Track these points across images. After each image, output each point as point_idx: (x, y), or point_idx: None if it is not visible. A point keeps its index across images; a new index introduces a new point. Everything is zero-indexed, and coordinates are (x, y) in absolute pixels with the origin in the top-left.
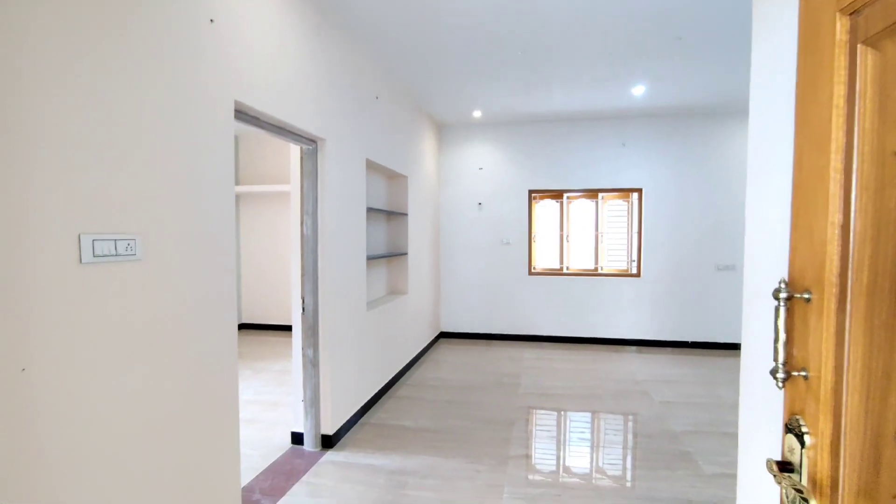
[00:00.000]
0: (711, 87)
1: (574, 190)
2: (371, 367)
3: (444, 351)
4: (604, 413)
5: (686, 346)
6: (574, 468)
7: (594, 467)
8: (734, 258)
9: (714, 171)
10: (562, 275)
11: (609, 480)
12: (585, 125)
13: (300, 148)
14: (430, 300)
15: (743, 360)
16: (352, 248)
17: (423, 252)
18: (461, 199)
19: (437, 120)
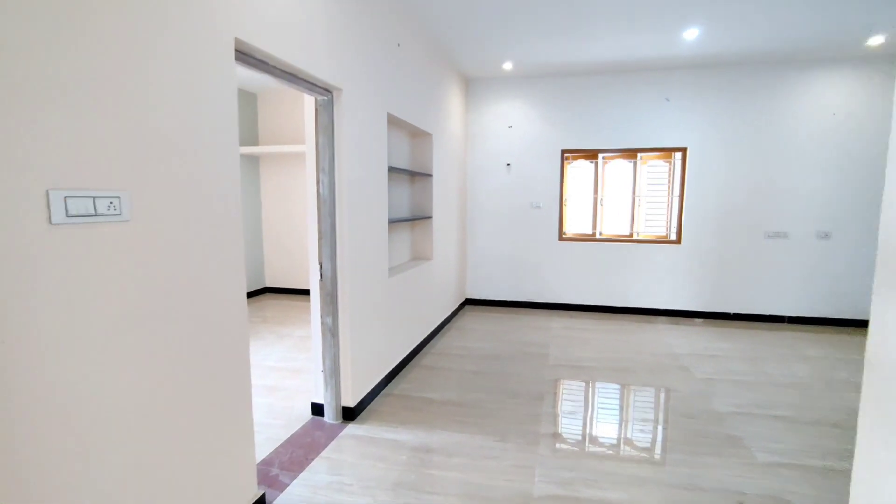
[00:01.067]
0: (781, 29)
1: (611, 150)
2: (394, 336)
3: (470, 319)
4: (639, 388)
5: (727, 318)
6: (609, 450)
7: (631, 450)
8: (785, 225)
9: (768, 130)
10: (594, 240)
11: (648, 465)
12: (625, 78)
13: (314, 99)
14: (456, 266)
15: (870, 350)
16: (372, 210)
17: (449, 215)
18: (489, 159)
19: (465, 73)
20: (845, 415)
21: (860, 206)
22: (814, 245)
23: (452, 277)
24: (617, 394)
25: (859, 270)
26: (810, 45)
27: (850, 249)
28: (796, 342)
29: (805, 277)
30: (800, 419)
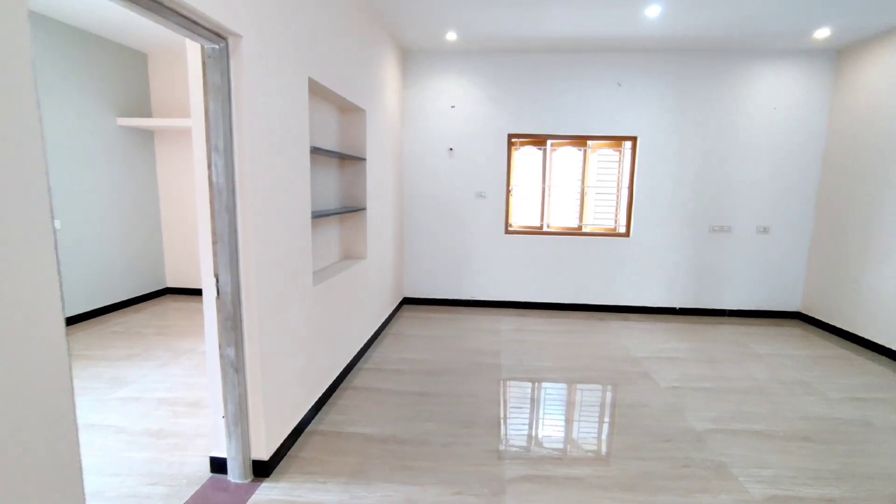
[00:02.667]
0: (740, 11)
1: (560, 136)
2: (320, 358)
3: (410, 321)
4: (609, 408)
5: (673, 313)
6: (590, 494)
7: (618, 492)
8: (729, 219)
9: (715, 123)
10: (542, 233)
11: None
12: (578, 59)
13: (200, 48)
14: (393, 263)
15: None
16: (290, 202)
17: (385, 206)
18: (429, 142)
19: (402, 43)
20: (810, 424)
21: (796, 201)
22: (754, 239)
23: (389, 276)
24: (586, 416)
25: (793, 264)
26: (762, 33)
27: (786, 243)
28: (743, 338)
29: (745, 271)
30: (774, 434)
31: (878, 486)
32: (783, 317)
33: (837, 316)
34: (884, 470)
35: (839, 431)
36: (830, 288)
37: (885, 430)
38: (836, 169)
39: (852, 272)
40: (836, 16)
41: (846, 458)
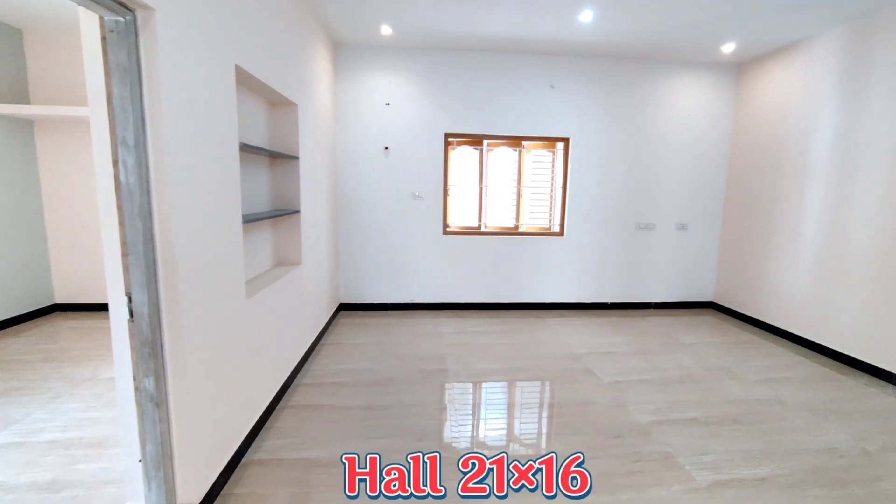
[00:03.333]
0: (664, 21)
1: (495, 136)
2: (255, 378)
3: (348, 329)
4: (560, 408)
5: (606, 308)
6: (552, 503)
7: (578, 493)
8: (653, 217)
9: (640, 126)
10: (480, 234)
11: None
12: (514, 60)
13: (98, 20)
14: (329, 268)
15: None
16: (218, 205)
17: (320, 208)
18: (364, 141)
19: (334, 35)
20: (736, 407)
21: (709, 200)
22: (674, 236)
23: (325, 282)
24: (536, 418)
25: (707, 258)
26: (679, 45)
27: (701, 239)
28: (669, 329)
29: (667, 266)
30: (708, 419)
31: (799, 460)
32: (699, 307)
33: (744, 304)
34: (801, 445)
35: (759, 412)
36: (738, 279)
37: (795, 407)
38: (739, 171)
39: (755, 265)
40: (739, 33)
41: (769, 437)
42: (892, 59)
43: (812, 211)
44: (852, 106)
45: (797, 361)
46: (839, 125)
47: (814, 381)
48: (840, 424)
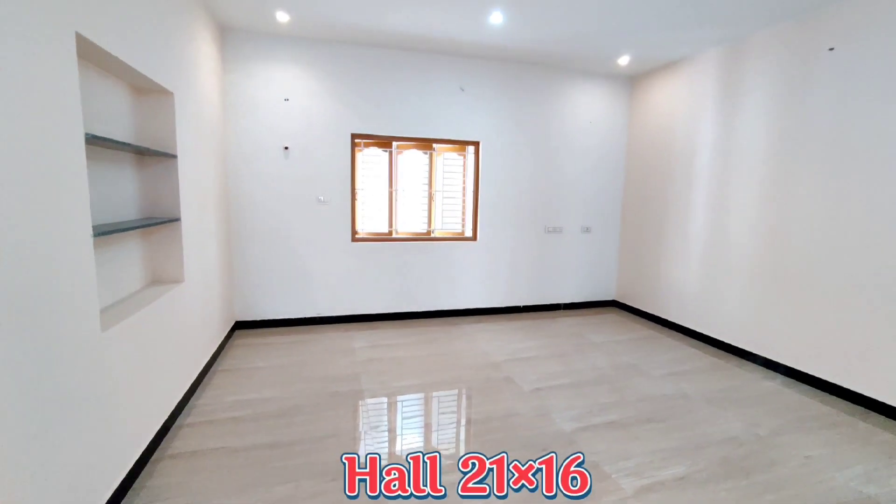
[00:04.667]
0: (567, 29)
1: (405, 138)
2: (118, 428)
3: (246, 351)
4: (483, 422)
5: (519, 311)
6: None
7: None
8: (561, 220)
9: (547, 131)
10: (391, 240)
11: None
12: (424, 60)
13: None
14: (221, 282)
15: None
16: (51, 213)
17: (207, 215)
18: (260, 139)
19: (219, 16)
20: (648, 405)
21: (609, 204)
22: (580, 238)
23: (216, 299)
24: (462, 436)
25: (609, 258)
26: (583, 55)
27: (603, 241)
28: (579, 329)
29: (573, 267)
30: (626, 421)
31: (708, 454)
32: (603, 305)
33: (643, 301)
34: (707, 437)
35: (668, 407)
36: (636, 278)
37: (697, 400)
38: (635, 176)
39: (651, 264)
40: (632, 47)
41: (680, 433)
42: (759, 79)
43: (698, 213)
44: (729, 119)
45: (692, 354)
46: (718, 136)
47: (707, 372)
48: (735, 412)
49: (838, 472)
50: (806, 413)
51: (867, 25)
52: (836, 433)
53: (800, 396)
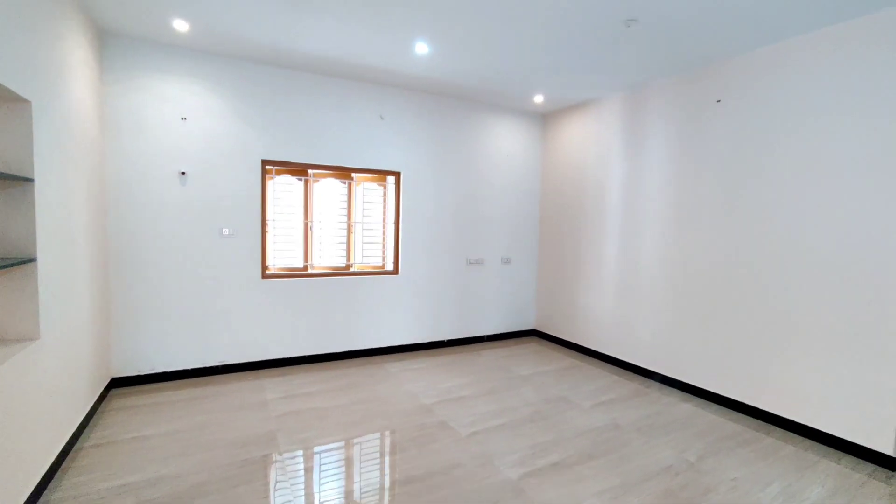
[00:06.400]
0: (488, 67)
1: (322, 166)
2: None
3: (126, 416)
4: (425, 480)
5: (442, 346)
6: None
7: None
8: (482, 252)
9: (468, 163)
10: (306, 275)
11: None
12: (343, 85)
13: None
14: (92, 334)
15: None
16: None
17: (76, 252)
18: (151, 163)
19: (99, 17)
20: (586, 440)
21: (527, 235)
22: (500, 269)
23: (86, 356)
24: (408, 502)
25: (528, 289)
26: (502, 91)
27: (522, 272)
28: (505, 362)
29: (495, 298)
30: (568, 461)
31: (652, 488)
32: (524, 335)
33: (561, 330)
34: (646, 470)
35: (604, 441)
36: (554, 308)
37: (629, 430)
38: (549, 209)
39: (569, 294)
40: (547, 87)
41: (621, 468)
42: (660, 122)
43: (611, 243)
44: (635, 157)
45: (615, 381)
46: (626, 172)
47: (632, 399)
48: (664, 440)
49: (761, 491)
50: (722, 433)
51: (747, 82)
52: (750, 451)
53: (714, 417)
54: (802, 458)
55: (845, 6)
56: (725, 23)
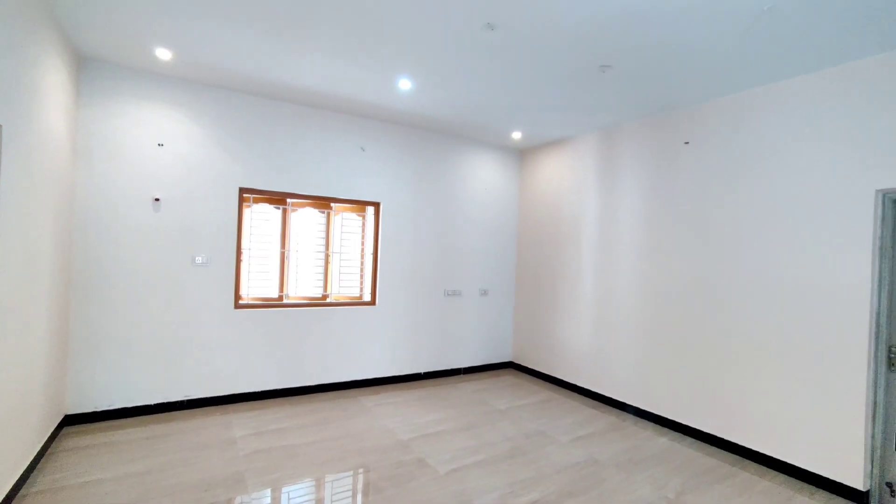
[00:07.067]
0: (467, 104)
1: (301, 196)
2: None
3: (79, 458)
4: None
5: (419, 378)
6: None
7: None
8: (460, 283)
9: (447, 195)
10: (282, 306)
11: None
12: (323, 116)
13: None
14: (46, 367)
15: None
16: None
17: (35, 281)
18: (122, 188)
19: (78, 42)
20: (565, 476)
21: (504, 267)
22: (478, 301)
23: (36, 392)
24: None
25: (505, 321)
26: (482, 126)
27: (500, 304)
28: (483, 395)
29: (472, 330)
30: (548, 499)
31: None
32: (500, 367)
33: (538, 362)
34: None
35: (584, 477)
36: (531, 340)
37: (608, 465)
38: (526, 242)
39: (545, 326)
40: (524, 124)
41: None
42: (632, 161)
43: (587, 277)
44: (610, 193)
45: (592, 415)
46: (601, 207)
47: (609, 433)
48: (643, 476)
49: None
50: (698, 468)
51: (713, 126)
52: (727, 486)
53: (690, 451)
54: (777, 494)
55: (800, 63)
56: (692, 74)
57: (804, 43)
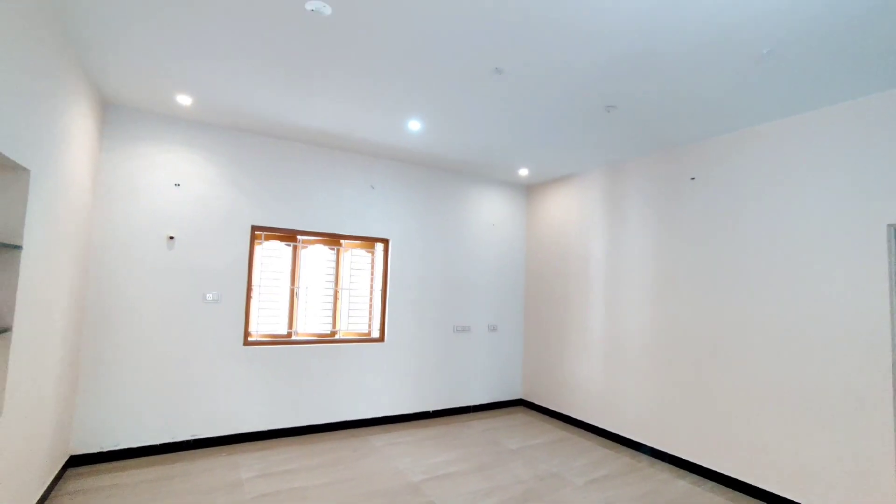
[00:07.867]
0: (475, 143)
1: (311, 233)
2: None
3: (80, 501)
4: None
5: (428, 417)
6: None
7: None
8: (468, 319)
9: (456, 232)
10: (290, 343)
11: None
12: (335, 156)
13: None
14: (56, 408)
15: None
16: None
17: (53, 320)
18: (139, 227)
19: (105, 89)
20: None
21: (513, 303)
22: (487, 337)
23: (46, 434)
24: None
25: (515, 357)
26: (489, 164)
27: (509, 340)
28: (493, 434)
29: (482, 367)
30: None
31: None
32: (511, 405)
33: (549, 400)
34: None
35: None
36: (541, 376)
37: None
38: (534, 278)
39: (555, 362)
40: (531, 161)
41: None
42: (639, 196)
43: (596, 312)
44: (617, 228)
45: (606, 455)
46: (609, 242)
47: (625, 475)
48: None
49: None
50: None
51: (717, 162)
52: None
53: (712, 496)
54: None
55: (801, 102)
56: (695, 112)
57: (805, 83)
